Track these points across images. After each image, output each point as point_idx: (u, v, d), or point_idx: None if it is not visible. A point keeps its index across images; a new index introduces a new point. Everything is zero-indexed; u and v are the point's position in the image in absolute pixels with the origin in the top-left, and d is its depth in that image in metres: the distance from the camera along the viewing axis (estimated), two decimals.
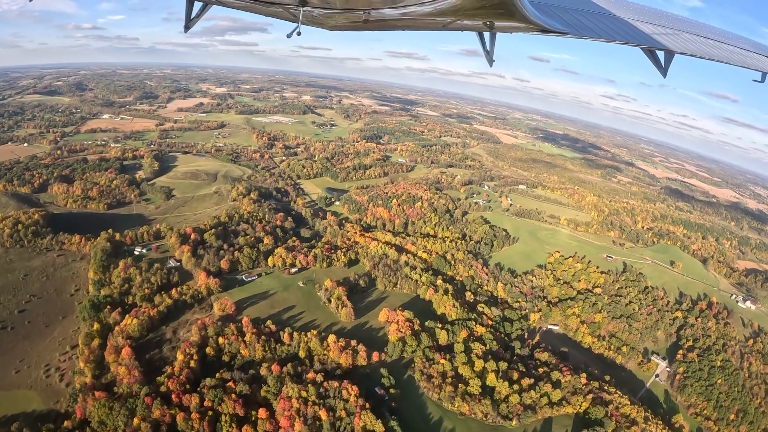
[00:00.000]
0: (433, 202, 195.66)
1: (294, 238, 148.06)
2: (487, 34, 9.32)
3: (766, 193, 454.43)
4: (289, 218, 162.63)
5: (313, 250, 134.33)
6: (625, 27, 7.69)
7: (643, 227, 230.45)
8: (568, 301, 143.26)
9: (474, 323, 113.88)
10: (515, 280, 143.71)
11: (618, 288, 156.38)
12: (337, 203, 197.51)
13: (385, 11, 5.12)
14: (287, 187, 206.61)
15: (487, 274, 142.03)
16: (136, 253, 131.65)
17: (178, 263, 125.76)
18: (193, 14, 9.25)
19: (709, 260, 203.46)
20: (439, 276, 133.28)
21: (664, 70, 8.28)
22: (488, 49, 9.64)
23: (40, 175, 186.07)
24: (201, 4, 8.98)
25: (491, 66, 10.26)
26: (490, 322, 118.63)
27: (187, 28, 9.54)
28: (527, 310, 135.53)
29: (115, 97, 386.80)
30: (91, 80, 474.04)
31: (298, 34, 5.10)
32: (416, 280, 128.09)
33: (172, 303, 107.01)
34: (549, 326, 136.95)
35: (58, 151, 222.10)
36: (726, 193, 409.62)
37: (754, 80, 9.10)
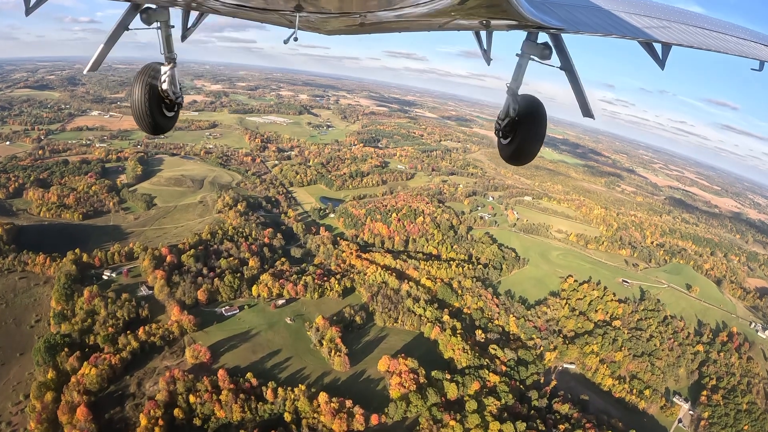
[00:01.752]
0: (435, 217, 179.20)
1: (283, 260, 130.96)
2: (483, 33, 9.16)
3: (765, 203, 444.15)
4: (279, 234, 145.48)
5: (303, 278, 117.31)
6: (620, 21, 7.24)
7: (652, 242, 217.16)
8: (585, 336, 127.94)
9: (487, 371, 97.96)
10: (528, 312, 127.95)
11: (637, 320, 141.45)
12: (332, 216, 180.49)
13: (380, 14, 4.87)
14: (278, 195, 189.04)
15: (497, 306, 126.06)
16: (105, 277, 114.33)
17: (150, 291, 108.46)
18: (190, 24, 8.82)
19: (723, 281, 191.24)
20: (446, 309, 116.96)
21: (662, 62, 7.60)
22: (485, 48, 9.32)
23: (17, 178, 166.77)
24: (197, 13, 8.66)
25: (489, 65, 10.22)
26: (503, 368, 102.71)
27: (183, 37, 8.89)
28: (542, 348, 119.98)
29: (106, 93, 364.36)
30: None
31: (295, 39, 4.81)
32: (420, 315, 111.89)
33: (139, 346, 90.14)
34: (565, 365, 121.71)
35: (40, 151, 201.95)
36: (727, 202, 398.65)
37: (752, 69, 8.27)
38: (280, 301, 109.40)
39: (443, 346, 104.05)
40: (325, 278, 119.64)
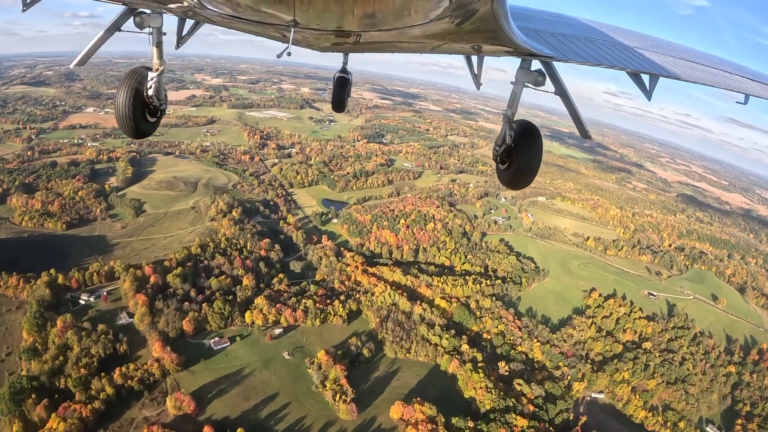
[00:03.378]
0: (447, 223, 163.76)
1: (281, 276, 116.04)
2: (474, 58, 9.31)
3: None
4: (277, 245, 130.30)
5: (303, 300, 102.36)
6: (609, 51, 7.29)
7: (670, 245, 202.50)
8: (615, 361, 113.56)
9: (513, 413, 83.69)
10: (553, 336, 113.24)
11: (668, 340, 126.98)
12: (335, 221, 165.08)
13: (375, 34, 4.81)
14: (277, 198, 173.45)
15: (519, 328, 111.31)
16: (82, 302, 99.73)
17: (131, 320, 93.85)
18: (185, 32, 8.64)
19: (746, 289, 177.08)
20: (463, 336, 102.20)
21: (649, 94, 7.61)
22: (476, 72, 9.56)
23: (1, 183, 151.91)
24: (192, 21, 8.28)
25: (478, 89, 10.33)
26: (531, 407, 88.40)
27: (177, 45, 8.85)
28: (569, 377, 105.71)
29: (103, 89, 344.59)
30: (83, 69, 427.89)
31: (288, 54, 4.75)
32: (435, 344, 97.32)
33: (114, 392, 75.93)
34: (594, 395, 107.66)
35: (29, 152, 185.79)
36: (736, 198, 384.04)
37: (737, 102, 8.44)
38: (277, 330, 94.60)
39: (463, 383, 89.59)
40: (328, 301, 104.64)
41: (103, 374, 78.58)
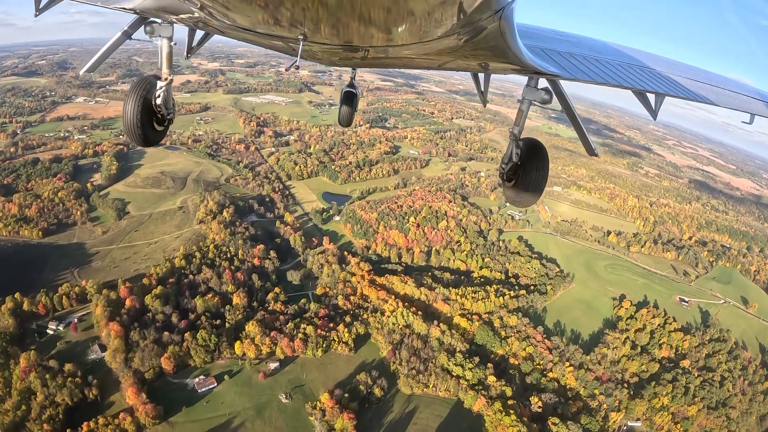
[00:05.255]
0: (461, 220, 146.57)
1: (277, 290, 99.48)
2: (482, 76, 9.19)
3: None
4: (272, 252, 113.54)
5: (302, 325, 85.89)
6: (615, 70, 7.19)
7: (690, 238, 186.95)
8: (653, 384, 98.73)
9: None
10: (587, 359, 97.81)
11: (705, 355, 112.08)
12: (337, 218, 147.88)
13: (382, 50, 4.66)
14: (274, 194, 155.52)
15: (549, 350, 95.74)
16: (50, 331, 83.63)
17: (104, 354, 77.88)
18: (195, 42, 8.68)
19: None
20: (488, 364, 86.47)
21: (654, 113, 7.59)
22: (482, 89, 9.26)
23: None
24: (203, 33, 8.33)
25: (485, 106, 9.92)
26: None
27: (188, 55, 8.88)
28: (605, 406, 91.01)
29: (96, 77, 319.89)
30: (78, 57, 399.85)
31: (296, 68, 4.71)
32: (457, 376, 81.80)
33: None
34: (630, 423, 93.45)
35: (12, 149, 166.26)
36: (745, 183, 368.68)
37: (743, 122, 8.43)
38: (272, 365, 78.59)
39: (491, 427, 74.47)
40: (331, 324, 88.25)
41: (68, 431, 63.30)
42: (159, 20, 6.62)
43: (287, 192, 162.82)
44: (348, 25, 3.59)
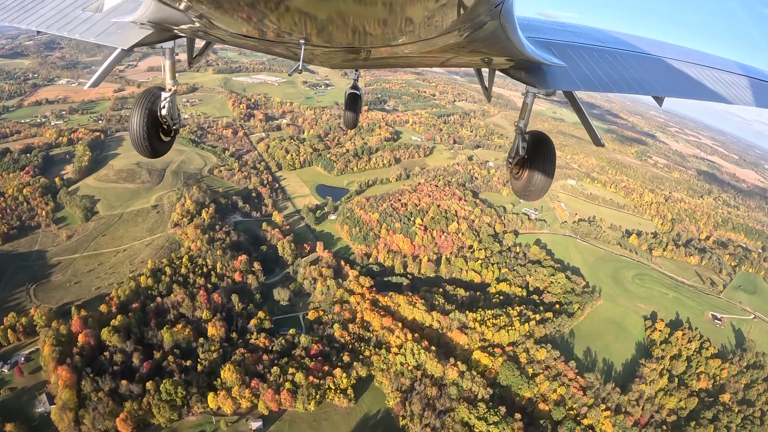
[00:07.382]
0: (473, 221, 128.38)
1: (261, 316, 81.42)
2: (486, 71, 8.69)
3: None
4: (257, 264, 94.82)
5: (290, 370, 67.97)
6: (623, 61, 6.64)
7: (708, 238, 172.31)
8: (693, 424, 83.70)
9: None
10: (624, 399, 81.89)
11: (744, 386, 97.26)
12: (332, 217, 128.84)
13: (384, 50, 4.61)
14: (261, 187, 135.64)
15: (583, 390, 79.59)
16: None
17: (52, 406, 59.91)
18: (196, 52, 8.10)
19: None
20: (516, 414, 70.08)
21: (660, 100, 6.82)
22: (486, 85, 8.76)
23: None
24: (205, 42, 7.85)
25: (489, 101, 9.42)
26: None
27: (190, 64, 8.31)
28: None
29: (83, 57, 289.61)
30: (64, 37, 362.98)
31: (299, 71, 4.69)
32: None
33: None
34: None
35: None
36: (749, 174, 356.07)
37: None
38: (254, 424, 61.35)
39: None
40: (326, 367, 70.52)
41: None
42: (160, 31, 6.12)
43: (277, 185, 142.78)
44: (348, 28, 3.50)
